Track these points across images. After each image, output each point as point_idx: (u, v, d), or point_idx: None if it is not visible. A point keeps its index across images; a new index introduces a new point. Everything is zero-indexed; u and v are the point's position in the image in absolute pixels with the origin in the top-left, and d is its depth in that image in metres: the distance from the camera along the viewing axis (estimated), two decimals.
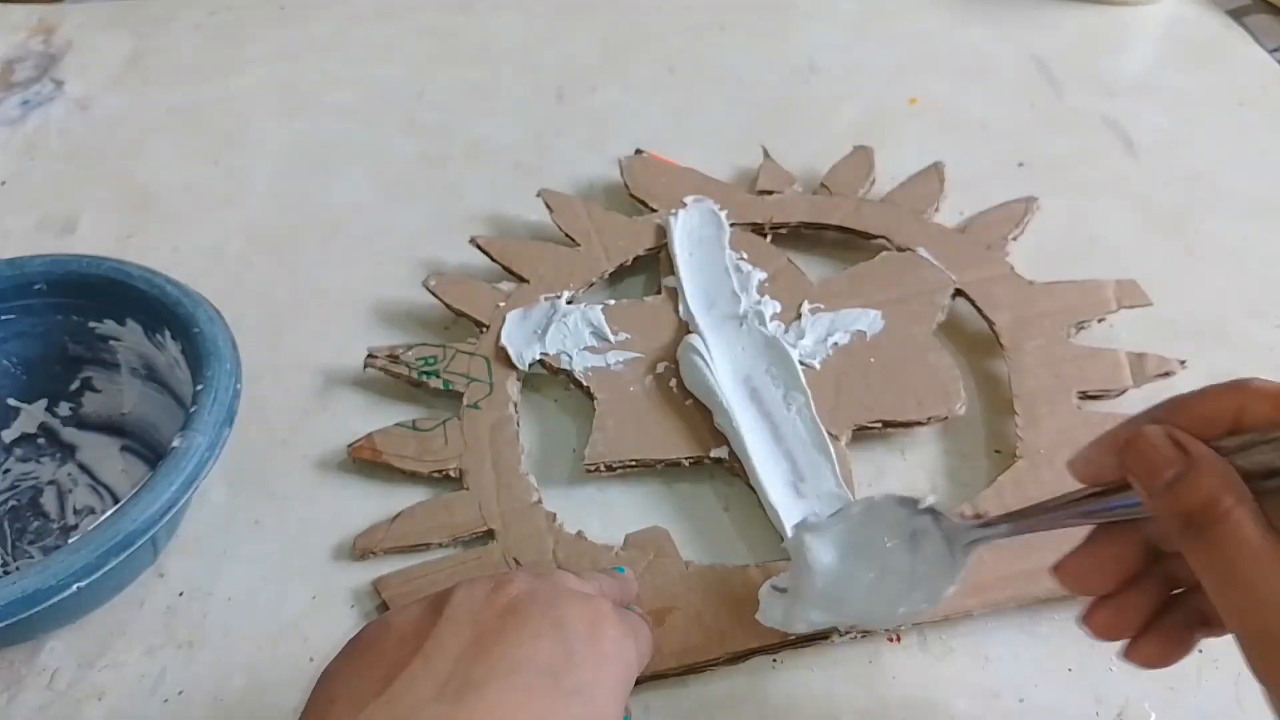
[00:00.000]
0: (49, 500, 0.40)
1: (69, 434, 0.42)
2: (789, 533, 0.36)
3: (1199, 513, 0.21)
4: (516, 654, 0.25)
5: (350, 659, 0.26)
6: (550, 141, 0.58)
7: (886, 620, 0.31)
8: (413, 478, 0.39)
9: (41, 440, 0.42)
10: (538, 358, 0.43)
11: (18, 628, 0.30)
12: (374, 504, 0.39)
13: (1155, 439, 0.23)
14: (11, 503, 0.40)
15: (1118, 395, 0.41)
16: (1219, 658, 0.34)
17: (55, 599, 0.30)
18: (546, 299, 0.45)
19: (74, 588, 0.30)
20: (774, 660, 0.34)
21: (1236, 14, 0.66)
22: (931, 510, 0.29)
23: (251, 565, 0.38)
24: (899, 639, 0.35)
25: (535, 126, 0.59)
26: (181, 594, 0.37)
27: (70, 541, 0.31)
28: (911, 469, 0.40)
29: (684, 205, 0.49)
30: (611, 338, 0.43)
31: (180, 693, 0.34)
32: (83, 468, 0.41)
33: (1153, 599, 0.25)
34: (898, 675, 0.34)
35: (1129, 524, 0.25)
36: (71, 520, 0.39)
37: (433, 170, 0.56)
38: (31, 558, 0.38)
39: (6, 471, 0.41)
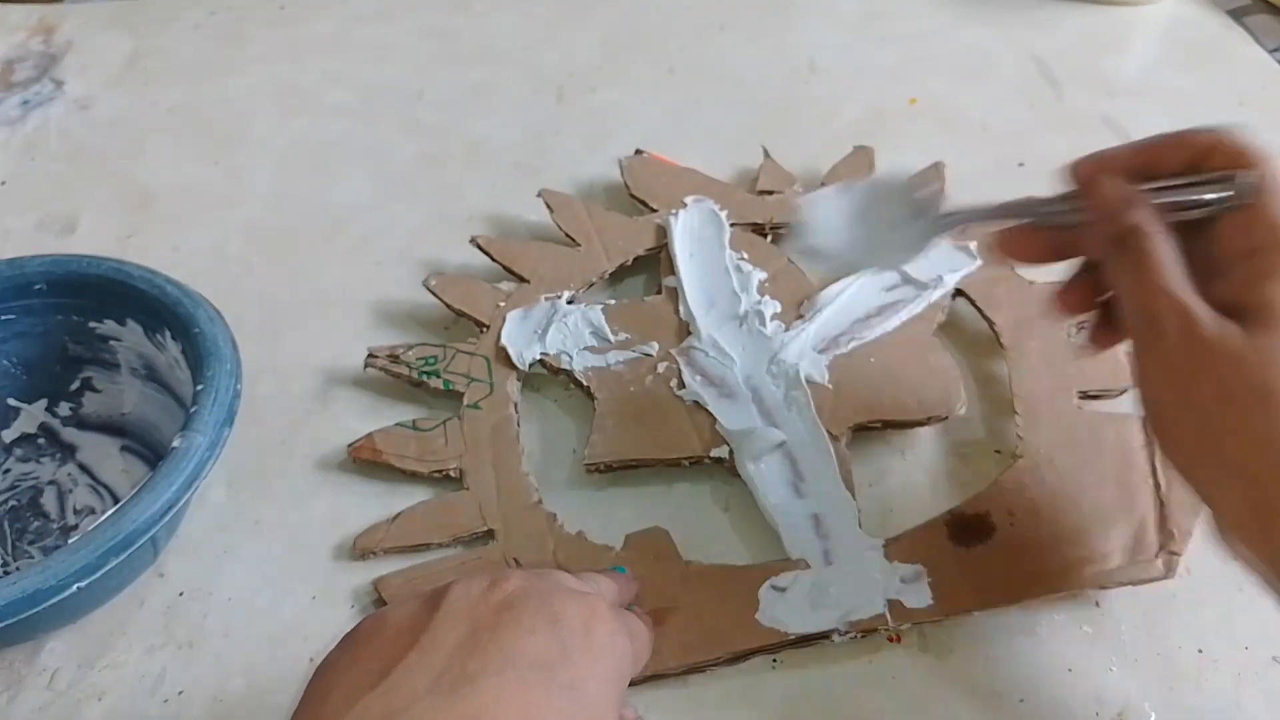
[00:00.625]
0: (49, 500, 0.40)
1: (69, 434, 0.42)
2: (784, 533, 0.37)
3: (1127, 235, 0.28)
4: (511, 648, 0.25)
5: (346, 652, 0.26)
6: (550, 142, 0.58)
7: (866, 264, 0.40)
8: (413, 478, 0.39)
9: (41, 440, 0.42)
10: (538, 358, 0.43)
11: (18, 628, 0.30)
12: (374, 504, 0.39)
13: (1110, 186, 0.29)
14: (11, 503, 0.40)
15: (1118, 395, 0.41)
16: (1219, 658, 0.34)
17: (55, 599, 0.30)
18: (547, 299, 0.45)
19: (74, 588, 0.30)
20: (774, 660, 0.34)
21: (1237, 14, 0.66)
22: (918, 200, 0.35)
23: (252, 565, 0.38)
24: (899, 639, 0.35)
25: (535, 127, 0.59)
26: (182, 594, 0.37)
27: (70, 542, 0.31)
28: (911, 469, 0.40)
29: (684, 205, 0.49)
30: (611, 338, 0.43)
31: (180, 693, 0.34)
32: (83, 468, 0.41)
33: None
34: (898, 675, 0.34)
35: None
36: (72, 520, 0.39)
37: (433, 170, 0.56)
38: (31, 558, 0.38)
39: (6, 472, 0.41)
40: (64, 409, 0.42)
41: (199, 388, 0.35)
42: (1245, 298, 0.26)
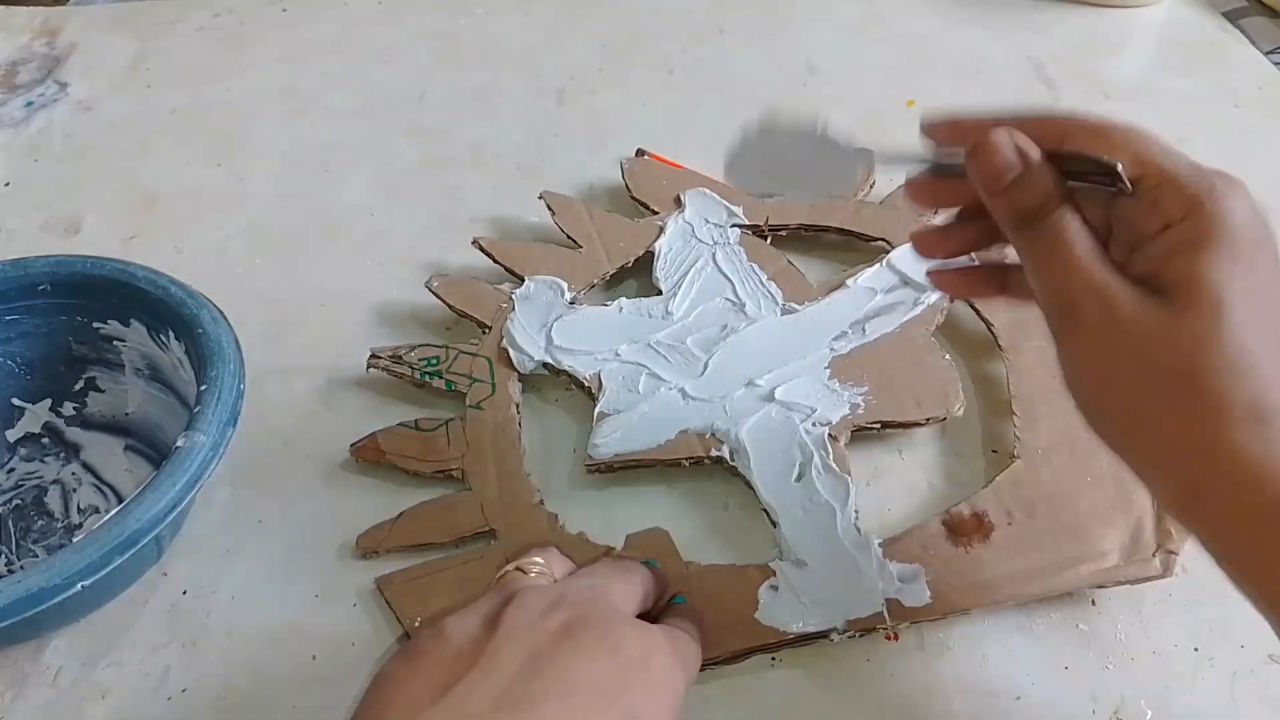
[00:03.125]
0: (53, 499, 0.40)
1: (73, 434, 0.42)
2: (783, 523, 0.37)
3: (1032, 211, 0.26)
4: (572, 674, 0.25)
5: (404, 664, 0.26)
6: (551, 144, 0.58)
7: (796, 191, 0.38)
8: (415, 478, 0.40)
9: (46, 440, 0.42)
10: (540, 361, 0.43)
11: (22, 626, 0.30)
12: (377, 504, 0.39)
13: (1001, 144, 0.26)
14: (16, 502, 0.40)
15: None
16: (1214, 656, 0.34)
17: (59, 598, 0.30)
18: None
19: (78, 586, 0.30)
20: (773, 659, 0.35)
21: (1232, 16, 0.67)
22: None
23: (255, 564, 0.38)
24: (897, 637, 0.35)
25: (536, 129, 0.59)
26: (185, 593, 0.37)
27: (74, 541, 0.31)
28: (909, 468, 0.40)
29: (680, 204, 0.49)
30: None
31: (184, 691, 0.34)
32: (87, 467, 0.41)
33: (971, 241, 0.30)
34: (895, 674, 0.34)
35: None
36: (76, 520, 0.40)
37: (434, 172, 0.56)
38: (35, 556, 0.39)
39: (11, 471, 0.41)
40: (68, 409, 0.42)
41: (203, 388, 0.35)
42: (1163, 273, 0.24)
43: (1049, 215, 0.25)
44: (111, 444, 0.42)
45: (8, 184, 0.56)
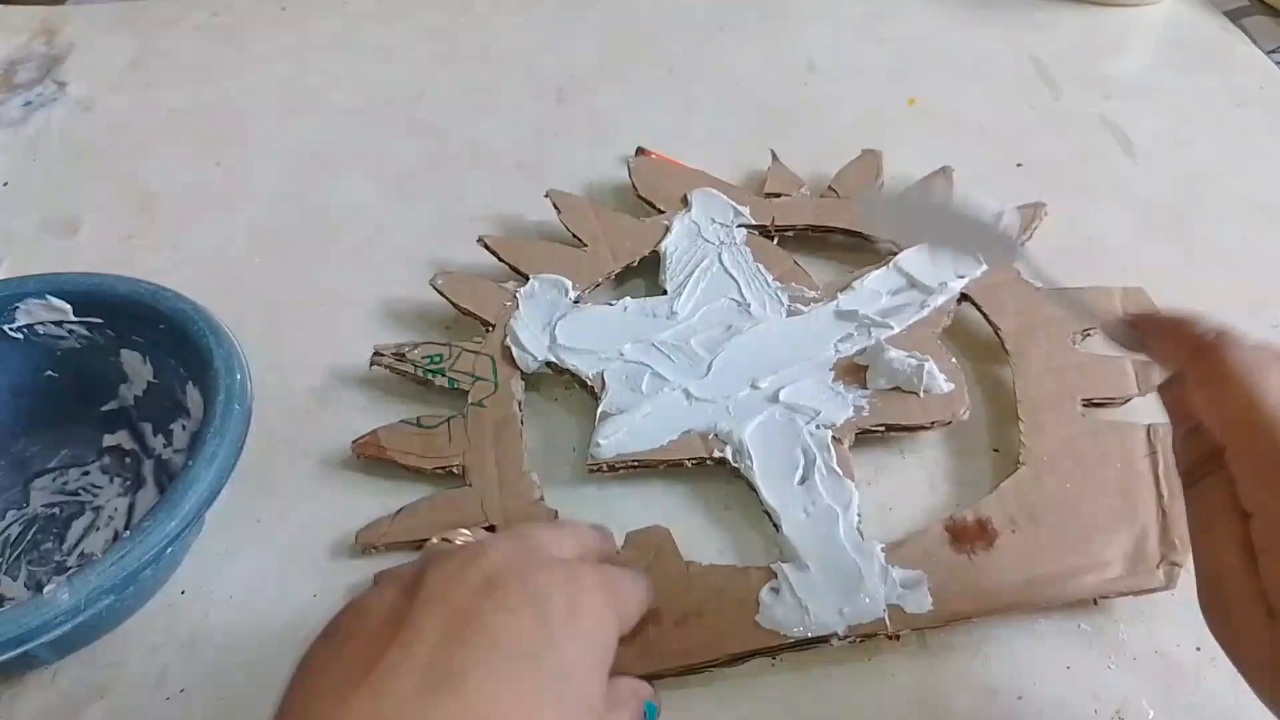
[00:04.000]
0: (76, 529, 0.39)
1: (148, 468, 0.40)
2: (785, 526, 0.37)
3: (1189, 469, 0.26)
4: (494, 636, 0.24)
5: (327, 647, 0.25)
6: (551, 143, 0.58)
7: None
8: (416, 474, 0.40)
9: (129, 460, 0.40)
10: (544, 361, 0.43)
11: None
12: (377, 501, 0.39)
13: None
14: (54, 511, 0.39)
15: (1123, 403, 0.41)
16: (1216, 656, 0.34)
17: (42, 638, 0.30)
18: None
19: (62, 627, 0.30)
20: (774, 660, 0.34)
21: (1234, 15, 0.67)
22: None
23: (253, 564, 0.38)
24: (898, 638, 0.35)
25: (536, 128, 0.59)
26: (183, 592, 0.37)
27: (43, 590, 0.30)
28: (910, 468, 0.40)
29: (686, 202, 0.49)
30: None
31: (182, 690, 0.34)
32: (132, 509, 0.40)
33: None
34: (897, 674, 0.34)
35: None
36: (72, 560, 0.38)
37: (434, 171, 0.56)
38: (14, 579, 0.37)
39: (86, 473, 0.40)
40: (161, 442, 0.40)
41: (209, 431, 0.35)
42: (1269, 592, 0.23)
43: (1198, 480, 0.25)
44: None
45: (6, 184, 0.56)
